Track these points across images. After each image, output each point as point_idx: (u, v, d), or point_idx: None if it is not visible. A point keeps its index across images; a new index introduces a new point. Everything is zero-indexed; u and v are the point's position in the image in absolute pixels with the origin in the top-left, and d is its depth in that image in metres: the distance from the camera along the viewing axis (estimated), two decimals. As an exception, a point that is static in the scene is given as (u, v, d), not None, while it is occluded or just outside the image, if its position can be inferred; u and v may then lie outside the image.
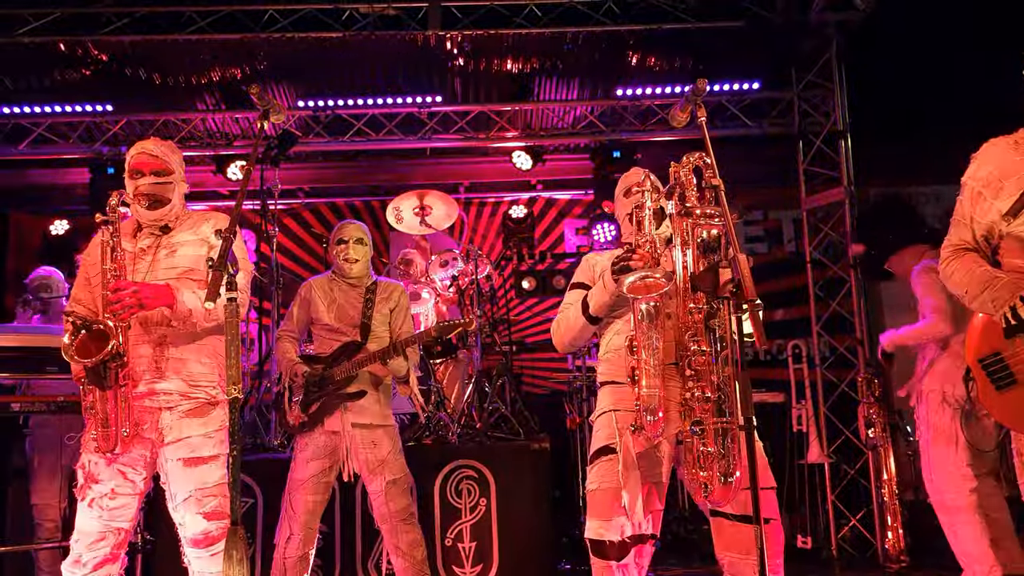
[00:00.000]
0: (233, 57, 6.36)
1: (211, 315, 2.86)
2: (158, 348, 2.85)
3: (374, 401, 3.87)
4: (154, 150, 3.01)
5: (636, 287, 2.43)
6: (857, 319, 6.26)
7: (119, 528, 2.82)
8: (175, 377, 2.86)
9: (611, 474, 2.56)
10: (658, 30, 6.15)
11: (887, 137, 7.05)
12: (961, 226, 2.46)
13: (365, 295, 4.01)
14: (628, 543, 2.51)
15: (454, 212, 6.52)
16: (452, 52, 6.41)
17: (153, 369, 2.84)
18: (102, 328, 2.68)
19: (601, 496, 2.58)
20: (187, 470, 2.81)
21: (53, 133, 6.89)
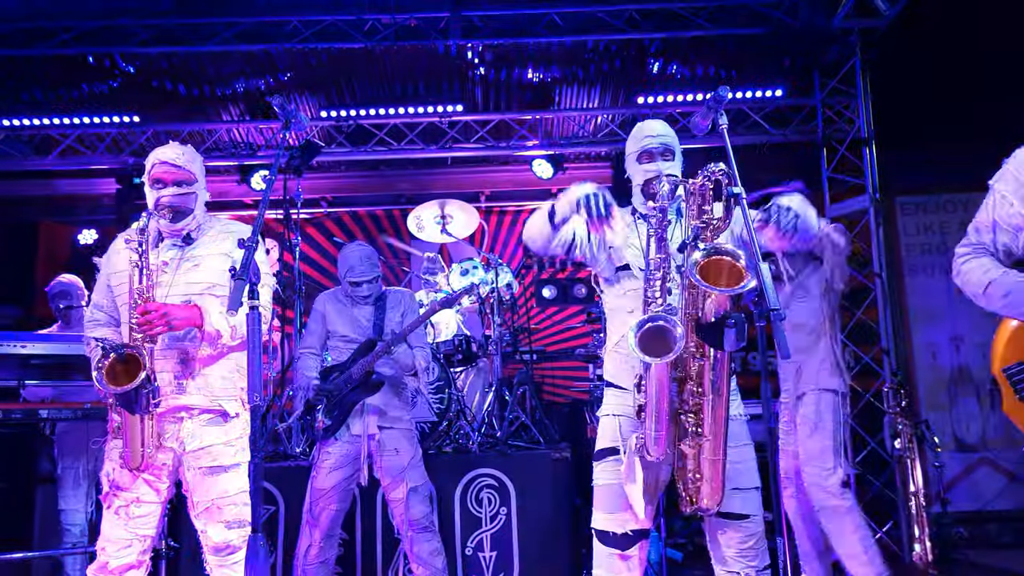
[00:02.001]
0: (257, 68, 6.44)
1: (236, 333, 2.85)
2: (180, 365, 2.85)
3: (393, 398, 3.93)
4: (176, 159, 2.94)
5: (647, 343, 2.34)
6: (882, 328, 6.18)
7: (144, 535, 2.84)
8: (196, 393, 2.86)
9: (615, 473, 2.63)
10: (680, 38, 6.13)
11: (914, 144, 6.97)
12: (982, 230, 2.43)
13: (376, 304, 4.11)
14: (632, 536, 2.62)
15: (475, 221, 6.53)
16: (473, 62, 6.44)
17: (176, 386, 2.84)
18: (132, 353, 2.68)
19: (607, 491, 2.67)
20: (208, 479, 2.82)
21: (81, 144, 7.01)
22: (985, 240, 2.43)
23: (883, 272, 6.22)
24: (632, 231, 2.79)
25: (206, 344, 2.84)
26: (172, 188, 2.93)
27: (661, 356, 2.27)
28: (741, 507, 2.55)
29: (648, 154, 2.81)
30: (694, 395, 2.38)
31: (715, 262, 2.26)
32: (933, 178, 7.45)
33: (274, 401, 5.52)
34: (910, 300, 7.40)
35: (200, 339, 2.82)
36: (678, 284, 2.53)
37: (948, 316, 7.28)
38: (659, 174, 2.65)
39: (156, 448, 2.77)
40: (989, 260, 2.41)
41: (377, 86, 6.83)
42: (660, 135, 2.81)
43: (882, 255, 6.26)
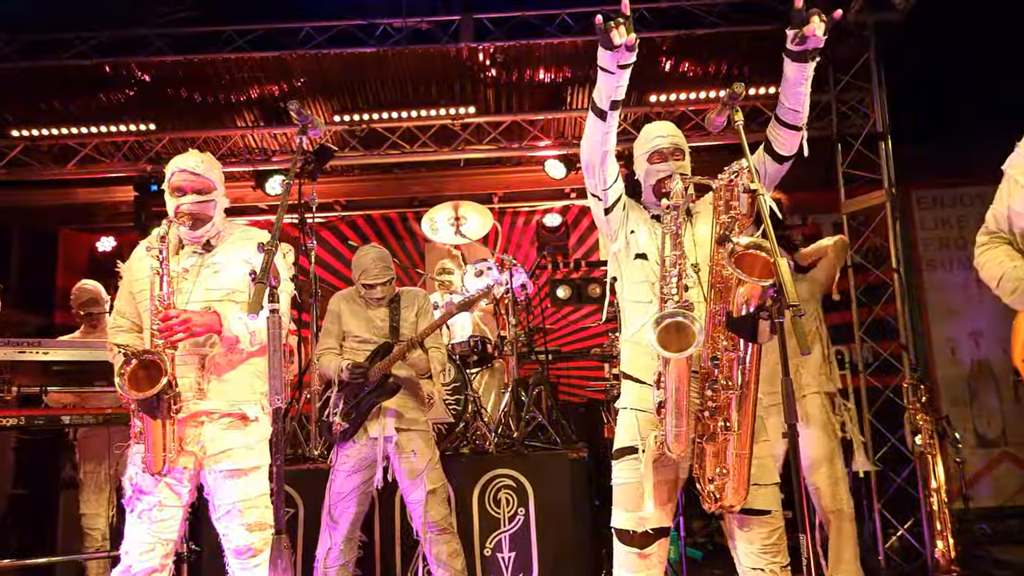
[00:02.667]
0: (271, 75, 6.48)
1: (255, 339, 2.88)
2: (200, 370, 2.88)
3: (409, 399, 3.94)
4: (195, 167, 2.97)
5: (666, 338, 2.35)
6: (901, 324, 6.14)
7: (166, 539, 2.86)
8: (215, 397, 2.88)
9: (634, 471, 2.62)
10: (691, 35, 6.12)
11: (930, 138, 6.92)
12: (999, 218, 2.42)
13: (390, 306, 4.11)
14: (651, 535, 2.61)
15: (488, 222, 6.54)
16: (485, 64, 6.46)
17: (196, 391, 2.87)
18: (154, 359, 2.71)
19: (626, 490, 2.66)
20: (229, 482, 2.85)
21: (99, 152, 7.08)
22: (1003, 228, 2.42)
23: (901, 267, 6.18)
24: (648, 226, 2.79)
25: (225, 349, 2.86)
26: (192, 196, 2.96)
27: (680, 351, 2.28)
28: (764, 502, 2.55)
29: (659, 154, 2.83)
30: (721, 389, 2.37)
31: (749, 256, 2.28)
32: (950, 171, 7.39)
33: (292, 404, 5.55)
34: (929, 295, 7.34)
35: (220, 344, 2.85)
36: (694, 281, 2.55)
37: (967, 311, 7.23)
38: (672, 172, 2.67)
39: (178, 453, 2.79)
40: (1005, 251, 2.39)
41: (390, 90, 6.86)
42: (670, 135, 2.84)
43: (900, 250, 6.22)
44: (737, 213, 2.40)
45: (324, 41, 6.16)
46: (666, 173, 2.74)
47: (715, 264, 2.40)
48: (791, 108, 2.62)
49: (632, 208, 2.88)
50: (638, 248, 2.76)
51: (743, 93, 2.49)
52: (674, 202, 2.51)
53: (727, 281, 2.34)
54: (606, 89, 2.56)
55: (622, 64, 2.47)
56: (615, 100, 2.58)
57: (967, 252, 7.39)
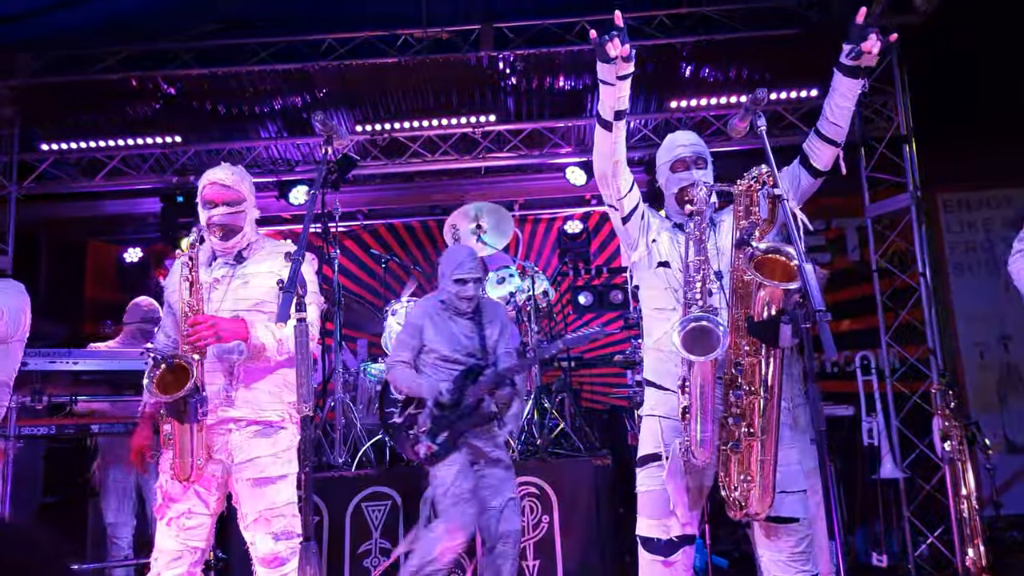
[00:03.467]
0: (294, 86, 6.55)
1: (283, 348, 2.89)
2: (228, 377, 2.92)
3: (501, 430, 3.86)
4: (226, 179, 3.03)
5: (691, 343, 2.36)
6: (928, 328, 6.06)
7: (195, 547, 2.90)
8: (243, 405, 2.92)
9: (658, 479, 2.63)
10: (711, 41, 6.11)
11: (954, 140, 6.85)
12: None
13: (474, 319, 3.96)
14: (676, 542, 2.62)
15: (510, 229, 6.55)
16: (505, 72, 6.48)
17: (224, 398, 2.90)
18: (181, 363, 2.75)
19: (650, 498, 2.67)
20: (256, 490, 2.87)
21: (126, 165, 7.17)
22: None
23: (927, 271, 6.11)
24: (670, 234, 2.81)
25: (253, 357, 2.89)
26: (222, 208, 3.02)
27: (705, 355, 2.28)
28: (791, 510, 2.53)
29: (682, 162, 2.86)
30: (745, 394, 2.37)
31: (769, 260, 2.29)
32: (975, 174, 7.30)
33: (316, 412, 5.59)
34: (956, 299, 7.25)
35: (247, 352, 2.88)
36: (718, 287, 2.56)
37: (996, 314, 7.13)
38: (695, 181, 2.69)
39: (206, 460, 2.82)
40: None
41: (411, 99, 6.90)
42: (692, 144, 2.88)
43: (925, 254, 6.15)
44: (757, 218, 2.40)
45: (346, 52, 6.21)
46: (688, 182, 2.76)
47: (736, 269, 2.40)
48: (834, 123, 2.63)
49: (653, 216, 2.89)
50: (660, 256, 2.77)
51: (765, 99, 2.49)
52: (697, 208, 2.52)
53: (748, 286, 2.34)
54: (608, 100, 2.61)
55: (621, 75, 2.52)
56: (618, 111, 2.61)
57: (994, 255, 7.30)
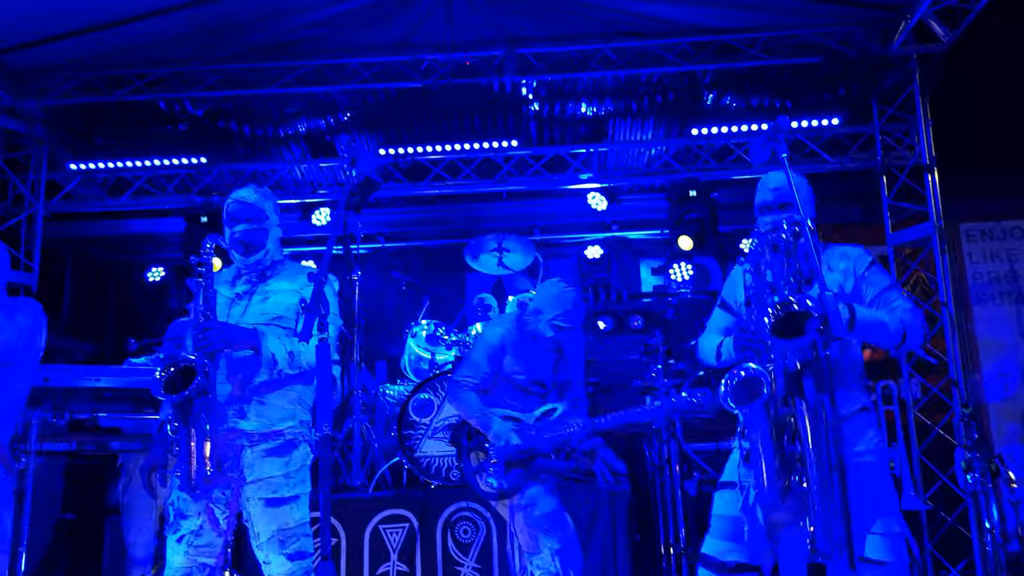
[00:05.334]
0: (318, 109, 6.64)
1: (294, 362, 2.90)
2: (241, 388, 2.93)
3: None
4: (248, 198, 3.10)
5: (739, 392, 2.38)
6: (951, 358, 6.00)
7: (204, 564, 2.89)
8: (255, 418, 2.92)
9: (731, 505, 2.65)
10: (733, 68, 6.14)
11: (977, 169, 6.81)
12: None
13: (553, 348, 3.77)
14: (733, 567, 2.64)
15: (531, 253, 6.57)
16: (528, 98, 6.55)
17: (236, 408, 2.92)
18: (189, 366, 2.78)
19: (720, 520, 2.72)
20: (269, 510, 2.86)
21: (151, 185, 7.27)
22: None
23: (950, 301, 6.05)
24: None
25: (265, 369, 2.90)
26: (243, 224, 3.07)
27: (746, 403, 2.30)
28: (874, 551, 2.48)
29: (767, 208, 2.86)
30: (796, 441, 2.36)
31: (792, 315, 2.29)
32: (998, 204, 7.24)
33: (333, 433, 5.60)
34: (979, 329, 7.16)
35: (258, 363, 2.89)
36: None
37: (1019, 346, 7.03)
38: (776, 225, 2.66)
39: (215, 473, 2.79)
40: None
41: (434, 123, 6.98)
42: (775, 187, 2.84)
43: (948, 283, 6.10)
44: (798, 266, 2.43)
45: (370, 76, 6.30)
46: (769, 227, 2.74)
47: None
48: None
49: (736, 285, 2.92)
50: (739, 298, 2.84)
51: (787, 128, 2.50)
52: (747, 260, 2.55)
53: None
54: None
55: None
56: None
57: (1018, 286, 7.22)
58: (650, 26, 6.08)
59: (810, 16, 5.98)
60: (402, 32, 6.15)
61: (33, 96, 6.29)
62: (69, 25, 5.66)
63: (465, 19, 5.95)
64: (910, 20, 5.68)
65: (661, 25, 6.07)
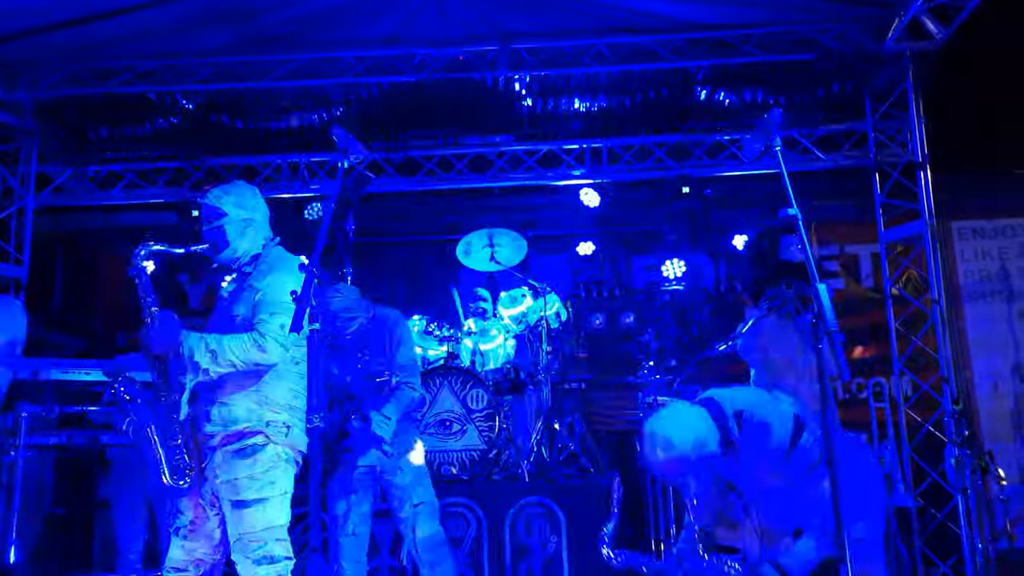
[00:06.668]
0: (310, 103, 6.60)
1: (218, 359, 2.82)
2: (208, 392, 2.93)
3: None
4: (207, 199, 3.10)
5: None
6: (941, 356, 6.02)
7: (198, 560, 2.92)
8: (218, 420, 2.91)
9: None
10: (727, 65, 6.14)
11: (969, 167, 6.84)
12: None
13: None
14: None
15: (523, 249, 6.56)
16: (521, 93, 6.53)
17: (204, 411, 2.93)
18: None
19: None
20: (235, 512, 2.85)
21: (143, 179, 7.23)
22: None
23: (941, 298, 6.07)
24: None
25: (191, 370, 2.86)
26: (205, 226, 3.10)
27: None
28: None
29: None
30: None
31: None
32: (990, 202, 7.28)
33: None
34: (970, 328, 7.19)
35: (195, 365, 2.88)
36: None
37: (1010, 344, 7.07)
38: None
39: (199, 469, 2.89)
40: None
41: (427, 118, 6.95)
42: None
43: (939, 281, 6.12)
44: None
45: (363, 71, 6.27)
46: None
47: None
48: None
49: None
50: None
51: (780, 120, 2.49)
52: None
53: None
54: None
55: None
56: None
57: (1009, 284, 7.25)
58: (644, 22, 6.07)
59: (804, 12, 5.97)
60: (395, 26, 6.12)
61: (23, 88, 6.24)
62: (59, 16, 5.61)
63: (458, 13, 5.92)
64: (903, 17, 5.68)
65: (655, 21, 6.06)
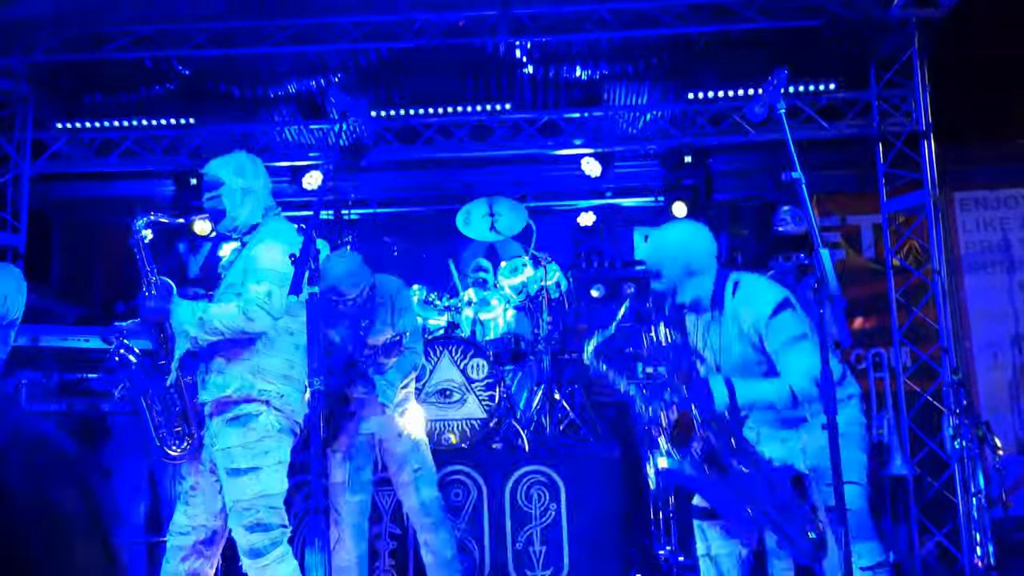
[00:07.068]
0: (308, 69, 6.53)
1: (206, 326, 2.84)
2: (202, 361, 2.97)
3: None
4: (206, 169, 3.16)
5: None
6: (941, 326, 6.02)
7: (200, 524, 2.95)
8: (212, 388, 2.94)
9: None
10: (730, 31, 6.06)
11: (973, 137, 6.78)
12: None
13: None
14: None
15: (523, 219, 6.53)
16: (521, 60, 6.45)
17: (200, 379, 2.97)
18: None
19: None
20: (229, 480, 2.87)
21: (139, 146, 7.17)
22: None
23: (942, 269, 6.05)
24: None
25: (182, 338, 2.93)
26: (205, 194, 3.15)
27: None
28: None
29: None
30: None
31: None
32: (994, 172, 7.24)
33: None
34: (969, 299, 7.19)
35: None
36: None
37: (1010, 315, 7.07)
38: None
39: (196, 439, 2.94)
40: None
41: (426, 85, 6.88)
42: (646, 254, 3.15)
43: (941, 252, 6.10)
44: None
45: (361, 36, 6.18)
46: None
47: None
48: None
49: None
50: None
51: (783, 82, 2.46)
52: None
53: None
54: None
55: None
56: None
57: (1010, 255, 7.23)
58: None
59: (809, -23, 5.89)
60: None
61: (18, 53, 6.16)
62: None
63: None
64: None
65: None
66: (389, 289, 4.05)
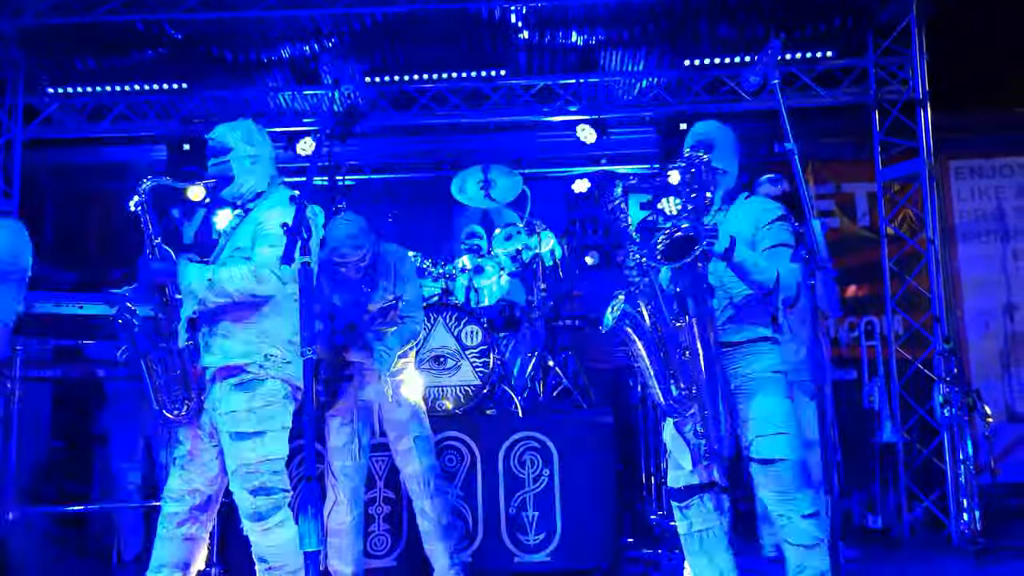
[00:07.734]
0: (301, 34, 6.45)
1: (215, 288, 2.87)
2: (207, 325, 2.99)
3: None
4: (212, 134, 3.14)
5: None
6: (934, 295, 6.05)
7: (194, 489, 2.99)
8: (218, 352, 2.96)
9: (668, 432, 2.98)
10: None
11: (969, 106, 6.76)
12: None
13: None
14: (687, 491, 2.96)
15: (518, 186, 6.51)
16: (517, 25, 6.38)
17: (204, 343, 2.98)
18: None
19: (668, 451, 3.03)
20: (233, 444, 2.90)
21: (132, 111, 7.11)
22: None
23: (936, 237, 6.07)
24: None
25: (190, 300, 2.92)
26: (211, 160, 3.13)
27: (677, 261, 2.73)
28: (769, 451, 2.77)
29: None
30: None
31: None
32: (989, 141, 7.23)
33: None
34: (962, 267, 7.22)
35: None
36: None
37: (1002, 284, 7.11)
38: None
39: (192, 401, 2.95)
40: None
41: (421, 50, 6.80)
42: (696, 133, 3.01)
43: (935, 220, 6.11)
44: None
45: (355, 0, 6.10)
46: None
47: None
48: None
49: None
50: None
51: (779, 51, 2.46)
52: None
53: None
54: None
55: None
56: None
57: (1004, 224, 7.25)
58: (644, -49, 5.91)
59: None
60: (388, -46, 5.96)
61: (8, 17, 6.07)
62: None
63: (453, -60, 5.76)
64: (909, -52, 5.55)
65: (655, -50, 5.91)
66: (391, 257, 4.06)
